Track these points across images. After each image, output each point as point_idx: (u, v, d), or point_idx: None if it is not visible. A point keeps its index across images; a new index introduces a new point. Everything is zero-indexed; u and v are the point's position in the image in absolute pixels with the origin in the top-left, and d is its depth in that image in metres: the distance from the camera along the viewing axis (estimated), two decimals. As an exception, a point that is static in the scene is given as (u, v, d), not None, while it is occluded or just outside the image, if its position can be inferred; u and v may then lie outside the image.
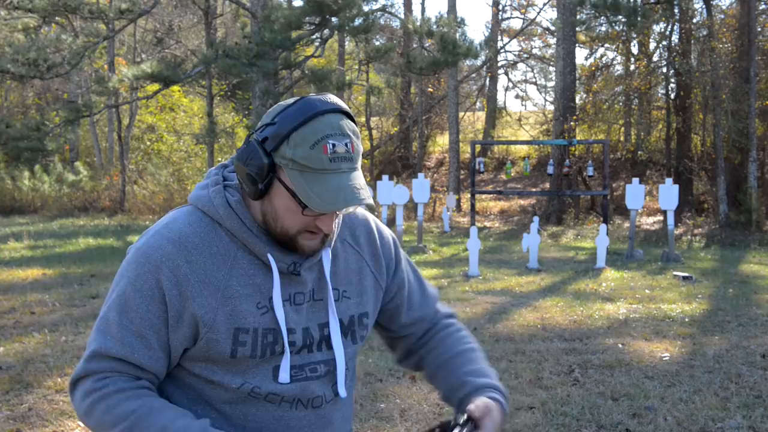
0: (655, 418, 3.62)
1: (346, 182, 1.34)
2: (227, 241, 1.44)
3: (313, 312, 1.50)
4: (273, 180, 1.37)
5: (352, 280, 1.56)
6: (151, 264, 1.40)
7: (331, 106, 1.36)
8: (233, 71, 13.59)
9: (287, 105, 1.37)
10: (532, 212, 17.68)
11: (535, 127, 26.58)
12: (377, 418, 3.71)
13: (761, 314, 6.27)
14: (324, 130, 1.33)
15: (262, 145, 1.35)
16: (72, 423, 3.56)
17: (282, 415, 1.49)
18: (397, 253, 1.66)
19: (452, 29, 14.80)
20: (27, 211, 20.17)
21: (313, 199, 1.32)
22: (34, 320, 5.98)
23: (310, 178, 1.33)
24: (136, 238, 8.21)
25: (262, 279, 1.44)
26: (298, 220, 1.39)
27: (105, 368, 1.41)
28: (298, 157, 1.32)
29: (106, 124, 23.58)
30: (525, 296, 7.29)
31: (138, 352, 1.40)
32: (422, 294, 1.70)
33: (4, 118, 13.95)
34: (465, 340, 1.69)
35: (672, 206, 10.20)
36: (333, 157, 1.32)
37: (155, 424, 1.37)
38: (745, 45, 14.83)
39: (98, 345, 1.40)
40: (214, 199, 1.44)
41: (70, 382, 1.45)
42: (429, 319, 1.70)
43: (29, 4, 12.72)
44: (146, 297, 1.39)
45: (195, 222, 1.44)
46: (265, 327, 1.44)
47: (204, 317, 1.40)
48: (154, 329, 1.40)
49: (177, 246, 1.41)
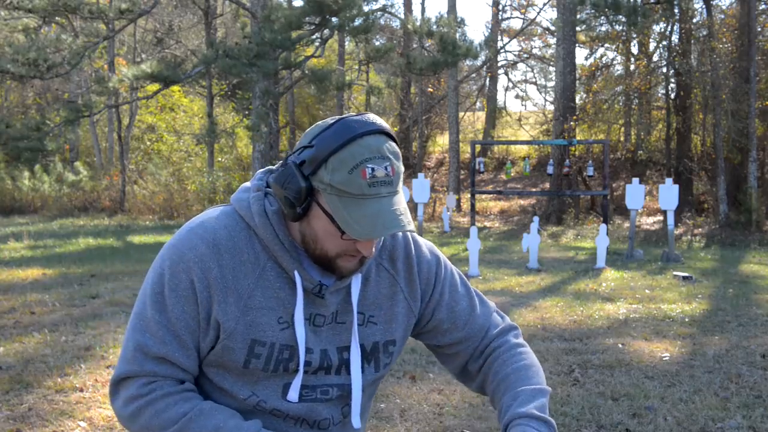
0: (655, 418, 3.62)
1: (386, 208, 1.30)
2: (259, 250, 1.41)
3: (333, 335, 1.47)
4: (311, 203, 1.33)
5: (382, 305, 1.52)
6: (185, 263, 1.37)
7: (370, 128, 1.31)
8: (233, 71, 13.59)
9: (325, 127, 1.33)
10: (532, 212, 17.68)
11: (535, 127, 26.59)
12: (377, 418, 3.71)
13: (761, 314, 6.27)
14: (363, 154, 1.28)
15: (300, 168, 1.32)
16: (72, 423, 3.56)
17: (286, 430, 1.48)
18: (438, 273, 1.59)
19: (452, 29, 14.80)
20: (27, 211, 20.18)
21: (351, 226, 1.29)
22: (34, 320, 5.98)
23: (348, 203, 1.29)
24: (137, 238, 8.23)
25: (286, 294, 1.41)
26: (338, 244, 1.36)
27: (148, 370, 1.38)
28: (336, 182, 1.28)
29: (106, 124, 23.59)
30: (525, 296, 7.29)
31: (177, 351, 1.38)
32: (470, 312, 1.61)
33: (4, 118, 13.94)
34: (512, 359, 1.57)
35: (672, 206, 10.20)
36: (372, 182, 1.28)
37: (207, 425, 1.36)
38: (745, 45, 14.83)
39: (138, 343, 1.38)
40: (253, 205, 1.41)
41: (112, 383, 1.42)
42: (476, 338, 1.61)
43: (29, 4, 12.72)
44: (181, 297, 1.37)
45: (231, 225, 1.41)
46: (282, 343, 1.41)
47: (225, 324, 1.38)
48: (189, 330, 1.38)
49: (210, 247, 1.38)
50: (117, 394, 1.41)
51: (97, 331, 5.55)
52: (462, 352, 1.61)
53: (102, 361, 4.70)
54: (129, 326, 1.42)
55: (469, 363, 1.63)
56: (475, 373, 1.62)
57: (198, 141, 18.96)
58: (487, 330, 1.61)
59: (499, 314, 1.66)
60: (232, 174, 20.18)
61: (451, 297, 1.60)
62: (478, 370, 1.61)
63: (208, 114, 20.12)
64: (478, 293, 1.66)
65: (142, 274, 8.56)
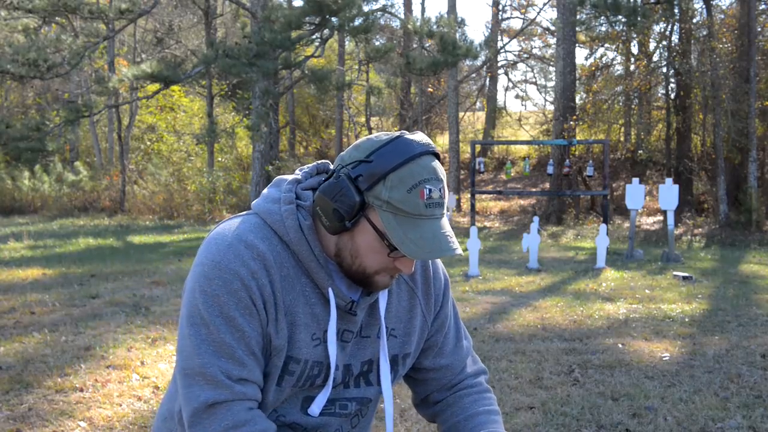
0: (655, 418, 3.62)
1: (439, 230, 1.30)
2: (293, 264, 1.38)
3: (358, 349, 1.47)
4: (360, 218, 1.31)
5: (402, 318, 1.52)
6: (240, 281, 1.32)
7: (427, 148, 1.31)
8: (233, 71, 13.59)
9: (383, 143, 1.31)
10: (532, 212, 17.68)
11: (535, 127, 26.59)
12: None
13: (761, 314, 6.27)
14: (422, 174, 1.28)
15: (355, 182, 1.29)
16: (72, 423, 3.56)
17: None
18: (445, 293, 1.61)
19: (452, 29, 14.81)
20: (27, 211, 20.17)
21: (408, 245, 1.28)
22: (34, 320, 5.98)
23: (404, 222, 1.28)
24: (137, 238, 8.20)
25: (320, 310, 1.40)
26: (380, 260, 1.35)
27: (239, 392, 1.32)
28: (395, 200, 1.27)
29: (106, 124, 23.59)
30: (525, 296, 7.29)
31: (255, 369, 1.34)
32: (456, 342, 1.64)
33: (4, 118, 13.95)
34: (483, 402, 1.61)
35: (672, 206, 10.20)
36: (429, 203, 1.28)
37: None
38: (745, 45, 14.83)
39: (222, 368, 1.31)
40: (287, 219, 1.37)
41: (195, 411, 1.32)
42: (454, 370, 1.63)
43: (29, 4, 12.72)
44: (245, 315, 1.32)
45: (267, 239, 1.37)
46: (314, 359, 1.40)
47: (275, 341, 1.36)
48: (260, 346, 1.35)
49: (259, 263, 1.34)
50: (201, 424, 1.32)
51: (97, 331, 5.55)
52: (435, 380, 1.63)
53: (102, 361, 4.70)
54: (196, 351, 1.32)
55: (435, 392, 1.64)
56: (435, 402, 1.65)
57: (198, 141, 18.97)
58: (464, 366, 1.64)
59: (473, 353, 1.71)
60: (232, 174, 20.19)
61: (449, 322, 1.62)
62: (440, 400, 1.64)
63: (208, 114, 20.13)
64: (464, 326, 1.69)
65: (142, 274, 8.56)
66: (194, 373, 1.31)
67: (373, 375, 1.52)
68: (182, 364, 1.34)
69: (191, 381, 1.32)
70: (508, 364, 4.64)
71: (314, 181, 1.45)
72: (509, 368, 4.53)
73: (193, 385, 1.32)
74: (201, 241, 13.03)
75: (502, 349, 5.04)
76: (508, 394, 4.00)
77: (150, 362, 4.65)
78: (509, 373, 4.41)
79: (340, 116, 23.05)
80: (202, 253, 1.39)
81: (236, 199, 18.81)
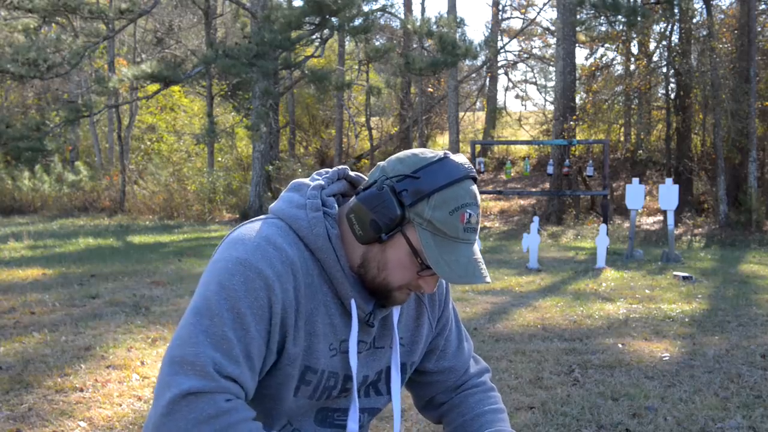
0: (655, 418, 3.62)
1: (472, 255, 1.31)
2: (318, 273, 1.36)
3: (372, 360, 1.47)
4: (397, 233, 1.30)
5: (410, 327, 1.52)
6: (262, 280, 1.28)
7: (468, 172, 1.31)
8: (233, 71, 13.61)
9: (430, 161, 1.30)
10: (532, 212, 17.68)
11: (535, 127, 26.59)
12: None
13: (761, 314, 6.27)
14: (465, 197, 1.28)
15: (399, 195, 1.28)
16: (72, 423, 3.56)
17: None
18: (447, 298, 1.61)
19: (452, 29, 14.81)
20: (27, 211, 20.17)
21: (442, 267, 1.27)
22: (34, 320, 5.98)
23: (441, 243, 1.28)
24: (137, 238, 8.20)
25: (339, 320, 1.38)
26: (406, 277, 1.34)
27: (224, 386, 1.23)
28: (436, 220, 1.27)
29: (106, 124, 23.59)
30: (525, 296, 7.29)
31: (247, 373, 1.28)
32: (458, 345, 1.64)
33: (4, 118, 13.95)
34: (489, 401, 1.61)
35: (672, 206, 10.20)
36: (467, 227, 1.29)
37: None
38: (745, 45, 14.83)
39: (214, 360, 1.23)
40: (315, 227, 1.34)
41: (174, 399, 1.20)
42: (458, 372, 1.63)
43: (29, 4, 12.73)
44: (257, 316, 1.27)
45: (294, 244, 1.34)
46: (330, 370, 1.39)
47: (291, 349, 1.33)
48: (260, 353, 1.30)
49: (286, 266, 1.30)
50: (179, 412, 1.20)
51: (97, 331, 5.55)
52: (439, 383, 1.63)
53: (102, 361, 4.69)
54: (195, 340, 1.25)
55: (439, 394, 1.64)
56: (440, 404, 1.65)
57: (198, 141, 18.98)
58: (467, 368, 1.65)
59: (474, 354, 1.71)
60: (232, 174, 20.19)
61: (450, 325, 1.62)
62: (445, 402, 1.64)
63: (208, 114, 20.12)
64: (464, 328, 1.69)
65: (142, 274, 8.56)
66: (184, 361, 1.23)
67: (382, 384, 1.52)
68: (172, 352, 1.25)
69: (178, 369, 1.22)
70: (508, 364, 4.64)
71: (336, 188, 1.43)
72: (509, 368, 4.53)
73: (179, 373, 1.22)
74: (201, 241, 13.03)
75: (502, 349, 5.04)
76: (508, 394, 4.00)
77: (150, 362, 4.65)
78: (509, 373, 4.41)
79: (340, 116, 23.05)
80: (224, 250, 1.34)
81: (236, 199, 18.81)
